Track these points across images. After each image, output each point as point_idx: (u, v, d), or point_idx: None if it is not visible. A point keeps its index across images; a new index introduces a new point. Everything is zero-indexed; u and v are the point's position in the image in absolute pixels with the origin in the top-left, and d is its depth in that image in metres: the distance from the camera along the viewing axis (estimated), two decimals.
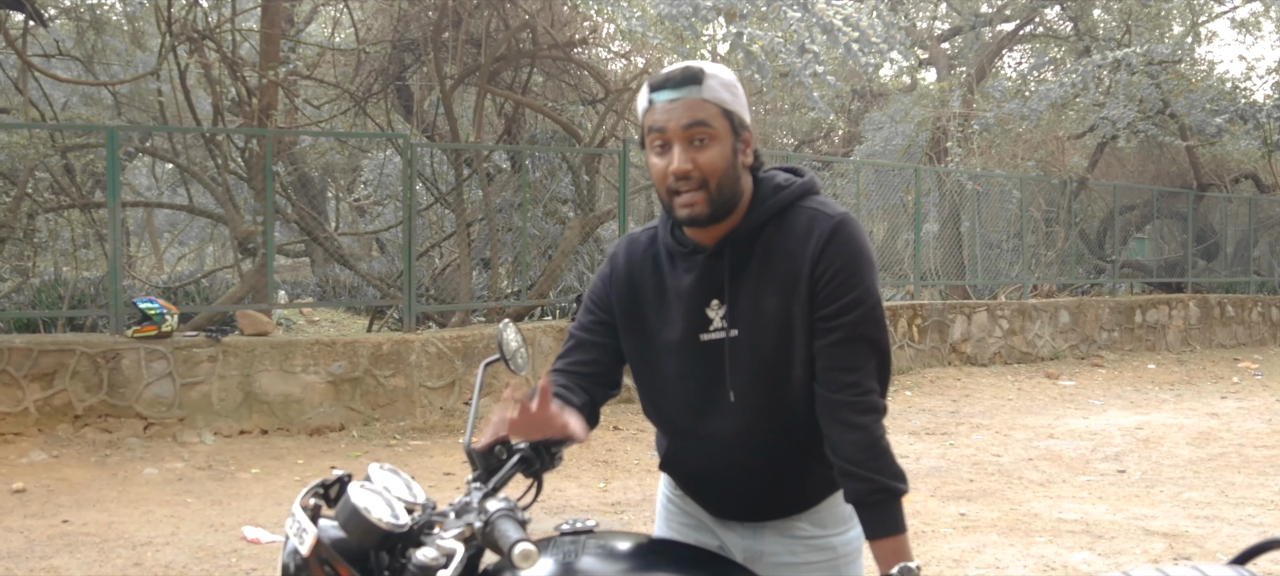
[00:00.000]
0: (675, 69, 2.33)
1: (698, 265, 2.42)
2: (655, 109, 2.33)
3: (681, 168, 2.29)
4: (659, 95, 2.33)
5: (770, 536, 2.55)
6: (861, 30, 11.86)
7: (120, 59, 15.40)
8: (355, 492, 2.24)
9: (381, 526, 2.20)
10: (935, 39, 22.73)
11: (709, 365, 2.43)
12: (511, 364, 2.77)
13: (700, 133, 2.29)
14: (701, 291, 2.41)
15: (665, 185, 2.33)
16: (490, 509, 2.18)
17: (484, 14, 11.99)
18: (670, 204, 2.35)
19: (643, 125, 2.37)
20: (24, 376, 9.21)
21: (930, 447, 10.26)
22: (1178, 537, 7.07)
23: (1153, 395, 14.14)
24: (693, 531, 2.67)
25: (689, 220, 2.35)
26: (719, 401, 2.44)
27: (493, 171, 13.72)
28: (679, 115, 2.29)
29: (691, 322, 2.43)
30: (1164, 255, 21.94)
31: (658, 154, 2.34)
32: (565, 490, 8.38)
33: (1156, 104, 18.36)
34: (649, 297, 2.49)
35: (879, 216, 19.00)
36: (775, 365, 2.38)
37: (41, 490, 8.02)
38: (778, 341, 2.37)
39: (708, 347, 2.41)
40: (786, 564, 2.53)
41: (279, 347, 10.01)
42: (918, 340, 15.08)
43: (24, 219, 12.33)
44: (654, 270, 2.50)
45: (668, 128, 2.30)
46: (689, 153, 2.29)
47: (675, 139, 2.30)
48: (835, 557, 2.54)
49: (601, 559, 2.32)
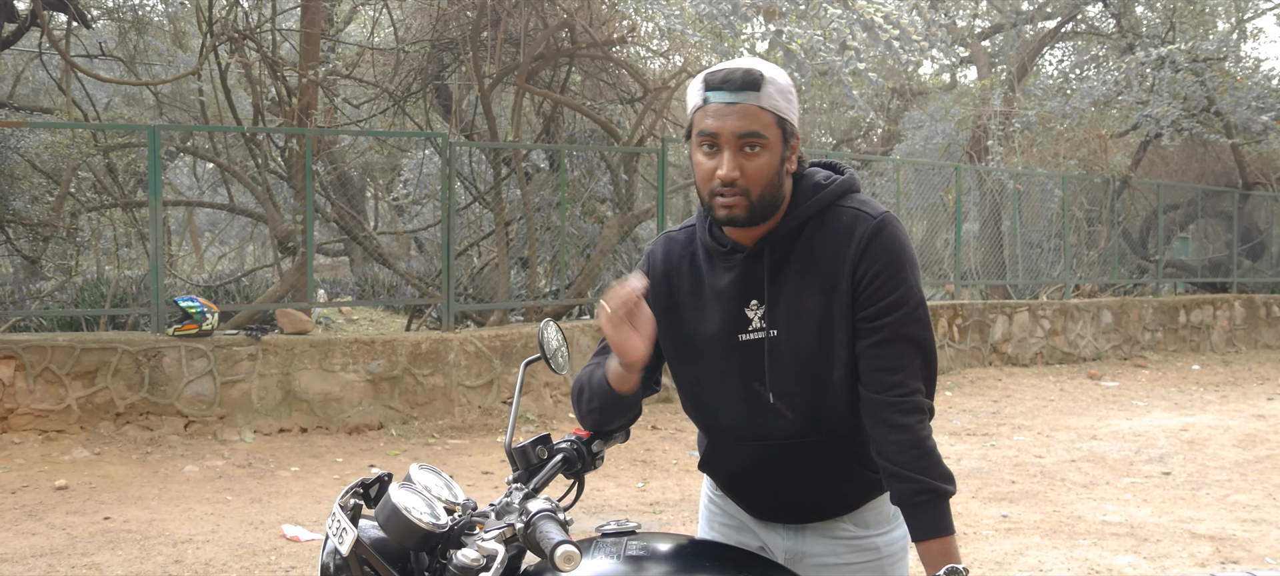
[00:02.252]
0: (735, 69, 2.26)
1: (737, 264, 2.39)
2: (709, 109, 2.27)
3: (730, 175, 2.25)
4: (716, 95, 2.27)
5: (812, 537, 2.52)
6: (902, 28, 11.77)
7: (162, 59, 15.53)
8: (396, 492, 2.22)
9: (422, 527, 2.18)
10: (976, 37, 22.56)
11: (748, 365, 2.39)
12: (552, 363, 2.75)
13: (753, 141, 2.25)
14: (740, 291, 2.39)
15: (708, 186, 2.29)
16: (531, 509, 2.15)
17: (523, 13, 11.98)
18: (711, 203, 2.31)
19: (692, 119, 2.32)
20: (66, 374, 9.28)
21: (971, 448, 10.17)
22: (1225, 541, 6.96)
23: (1197, 396, 13.96)
24: (734, 532, 2.63)
25: (727, 221, 2.32)
26: (759, 402, 2.40)
27: (531, 170, 13.71)
28: (733, 123, 2.24)
29: (731, 322, 2.40)
30: (1208, 255, 21.66)
31: (705, 154, 2.29)
32: (604, 490, 8.35)
33: (1201, 101, 18.13)
34: (686, 297, 2.47)
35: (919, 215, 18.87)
36: (816, 365, 2.34)
37: (83, 487, 8.07)
38: (819, 341, 2.34)
39: (747, 347, 2.38)
40: (829, 564, 2.50)
41: (318, 346, 10.04)
42: (958, 340, 14.97)
43: (67, 218, 12.44)
44: (691, 269, 2.47)
45: (721, 134, 2.25)
46: (738, 160, 2.25)
47: (727, 145, 2.25)
48: (879, 558, 2.49)
49: (643, 561, 2.28)
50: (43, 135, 12.42)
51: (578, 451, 2.57)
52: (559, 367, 2.76)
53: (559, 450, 2.53)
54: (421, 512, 2.20)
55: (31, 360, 9.23)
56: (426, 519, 2.20)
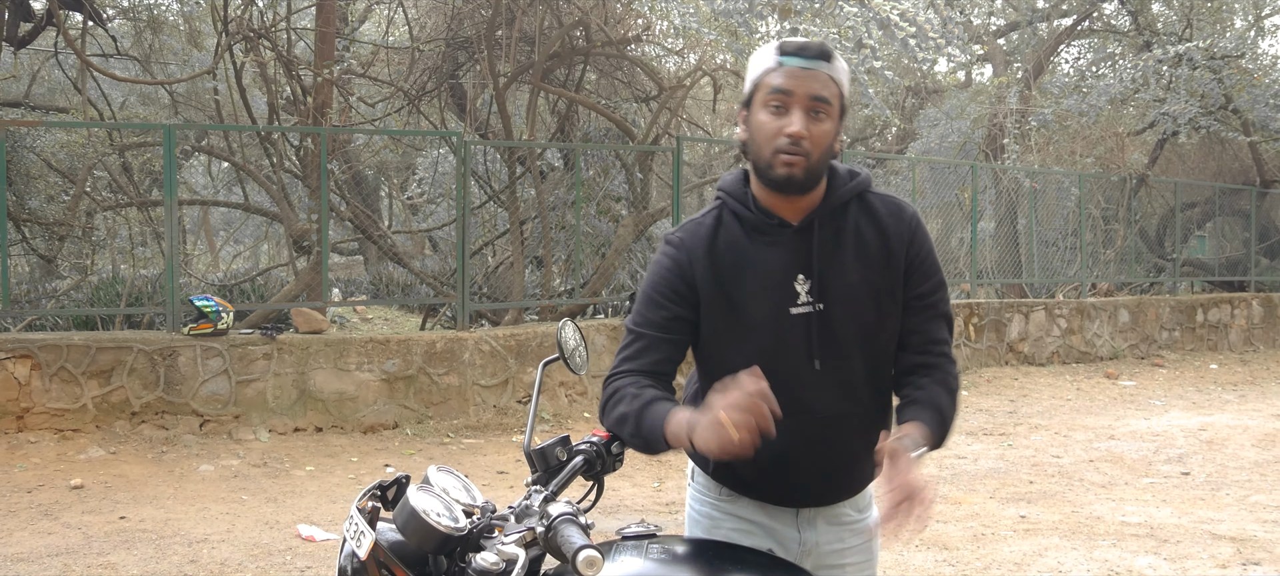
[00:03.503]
0: (811, 41, 2.41)
1: (785, 239, 2.47)
2: (782, 70, 2.39)
3: (799, 131, 2.36)
4: (790, 60, 2.39)
5: (822, 525, 2.62)
6: (918, 25, 11.72)
7: (177, 58, 15.55)
8: (414, 495, 2.19)
9: (440, 530, 2.16)
10: (992, 34, 22.46)
11: (800, 338, 2.46)
12: (570, 363, 2.73)
13: (821, 107, 2.39)
14: (789, 266, 2.46)
15: (771, 144, 2.39)
16: (552, 513, 2.13)
17: (537, 11, 11.96)
18: (771, 160, 2.39)
19: (759, 82, 2.42)
20: (82, 373, 9.29)
21: (988, 448, 10.12)
22: (1245, 542, 6.90)
23: (1216, 396, 13.88)
24: (744, 538, 2.63)
25: (786, 179, 2.40)
26: (807, 375, 2.47)
27: (546, 169, 13.69)
28: (808, 84, 2.37)
29: (781, 297, 2.46)
30: (1226, 253, 21.53)
31: (772, 113, 2.39)
32: (619, 490, 8.33)
33: (1218, 99, 18.02)
34: (729, 274, 2.49)
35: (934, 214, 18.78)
36: (870, 334, 2.48)
37: (99, 486, 8.08)
38: (874, 313, 2.48)
39: (797, 321, 2.46)
40: (835, 550, 2.62)
41: (333, 345, 10.03)
42: (974, 339, 14.91)
43: (82, 217, 12.46)
44: (731, 248, 2.50)
45: (795, 92, 2.37)
46: (806, 121, 2.37)
47: (798, 104, 2.37)
48: (870, 538, 2.67)
49: (664, 564, 2.26)
50: (58, 134, 12.44)
51: (598, 453, 2.55)
52: (577, 368, 2.74)
53: (578, 452, 2.50)
54: (440, 515, 2.18)
55: (47, 359, 9.23)
56: (445, 521, 2.18)
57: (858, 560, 2.66)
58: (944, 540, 6.93)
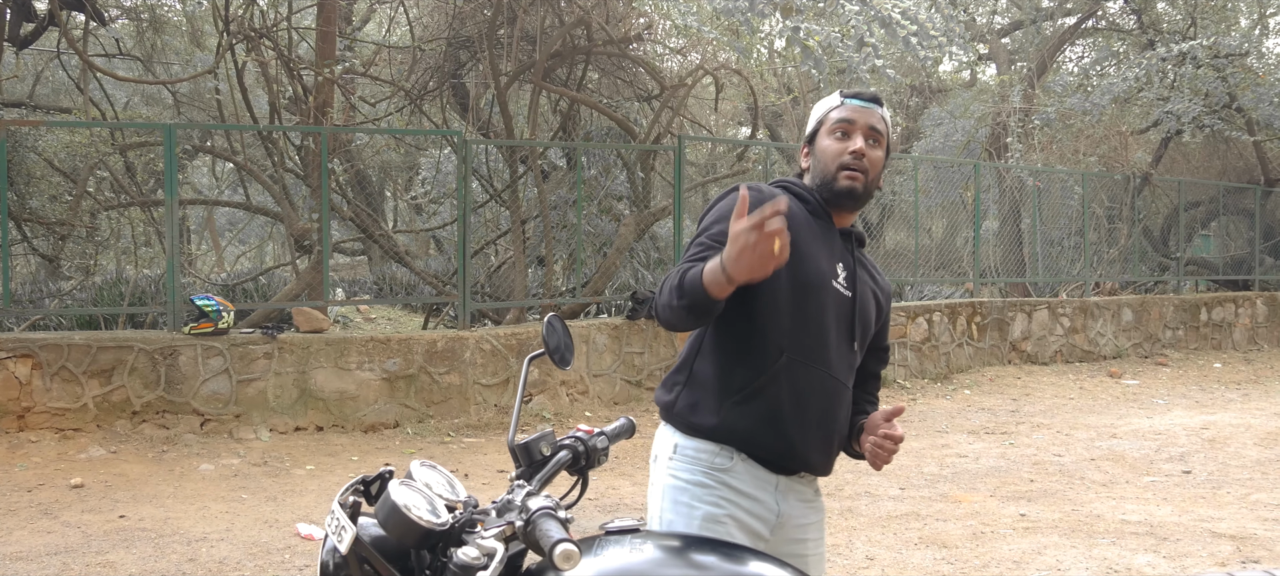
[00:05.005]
0: (867, 89, 3.10)
1: (834, 234, 2.96)
2: (846, 107, 2.93)
3: (860, 148, 2.88)
4: (853, 100, 2.94)
5: (793, 499, 2.92)
6: (920, 24, 11.70)
7: (180, 58, 15.57)
8: (396, 490, 2.19)
9: (422, 524, 2.15)
10: (995, 33, 22.44)
11: (836, 307, 2.90)
12: (555, 357, 2.73)
13: (876, 137, 2.93)
14: (834, 252, 2.93)
15: (837, 160, 2.89)
16: (532, 507, 2.13)
17: (539, 10, 11.96)
18: (836, 176, 2.89)
19: (825, 118, 2.96)
20: (83, 372, 9.30)
21: (990, 447, 10.10)
22: (1246, 540, 6.89)
23: (1219, 394, 13.85)
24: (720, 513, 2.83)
25: (848, 190, 2.89)
26: (836, 336, 2.90)
27: (548, 168, 13.70)
28: (867, 117, 2.92)
29: (829, 268, 2.90)
30: (1230, 252, 21.48)
31: (837, 139, 2.92)
32: (619, 488, 8.33)
33: (1222, 98, 17.98)
34: (804, 232, 2.86)
35: (938, 213, 18.76)
36: (868, 329, 3.02)
37: (99, 485, 8.09)
38: (874, 316, 3.05)
39: (836, 294, 2.90)
40: (800, 525, 2.94)
41: (334, 345, 10.04)
42: (977, 338, 14.88)
43: (85, 217, 12.48)
44: (797, 213, 2.88)
45: (857, 122, 2.91)
46: (866, 145, 2.90)
47: (860, 132, 2.90)
48: (822, 517, 3.04)
49: (645, 559, 2.25)
50: (61, 135, 12.46)
51: (582, 449, 2.55)
52: (562, 362, 2.74)
53: (562, 447, 2.50)
54: (421, 510, 2.17)
55: (48, 359, 9.25)
56: (426, 516, 2.17)
57: (815, 537, 2.99)
58: (943, 538, 6.92)
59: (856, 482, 8.52)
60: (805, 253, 2.82)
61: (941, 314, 14.35)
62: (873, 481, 8.58)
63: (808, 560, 2.92)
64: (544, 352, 2.76)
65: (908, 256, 16.76)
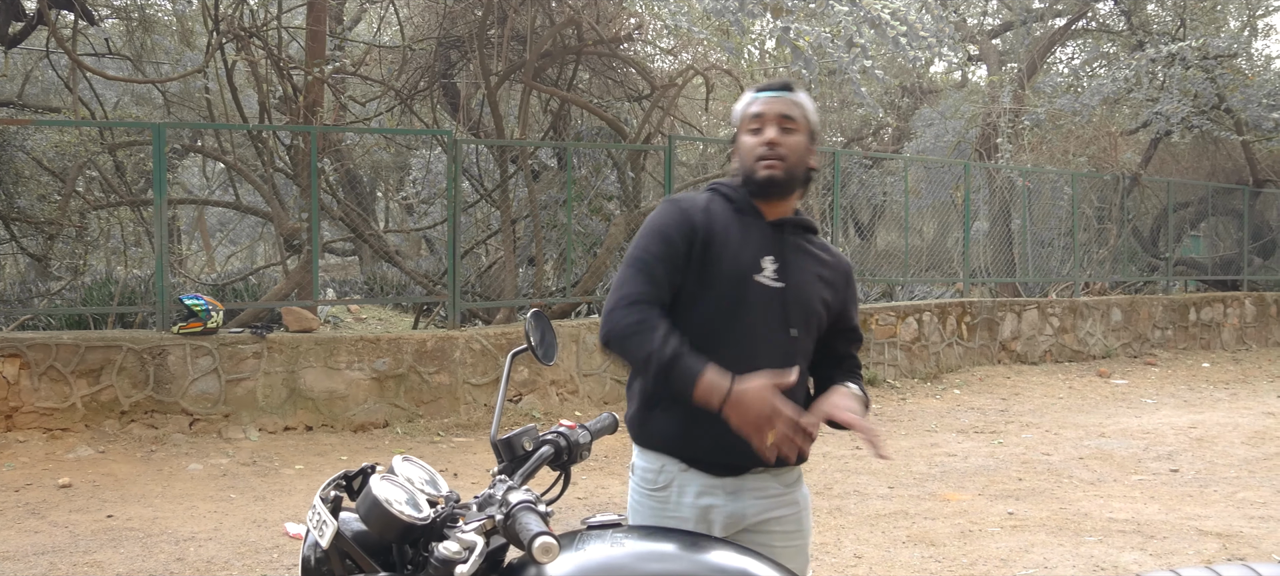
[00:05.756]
0: (775, 79, 3.08)
1: (761, 225, 2.97)
2: (758, 101, 2.98)
3: (772, 138, 2.92)
4: (762, 94, 2.99)
5: (748, 497, 2.91)
6: (909, 24, 11.72)
7: (169, 58, 15.54)
8: (377, 484, 2.19)
9: (403, 519, 2.16)
10: (986, 34, 22.47)
11: (760, 302, 2.90)
12: (538, 352, 2.74)
13: (789, 124, 2.95)
14: (761, 245, 2.94)
15: (754, 154, 2.94)
16: (512, 501, 2.13)
17: (529, 10, 11.96)
18: (754, 168, 2.93)
19: (743, 117, 3.01)
20: (71, 372, 9.29)
21: (979, 446, 10.12)
22: (1232, 538, 6.91)
23: (1207, 394, 13.89)
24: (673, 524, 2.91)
25: (767, 180, 2.93)
26: (768, 332, 2.90)
27: (538, 168, 13.69)
28: (777, 106, 2.96)
29: (749, 264, 2.91)
30: (1219, 252, 21.54)
31: (752, 134, 2.96)
32: (608, 488, 8.33)
33: (1211, 99, 18.02)
34: (717, 233, 2.92)
35: (929, 213, 18.83)
36: (811, 314, 2.99)
37: (87, 485, 8.07)
38: (819, 303, 3.01)
39: (761, 288, 2.90)
40: (762, 520, 2.93)
41: (323, 344, 10.03)
42: (966, 338, 14.91)
43: (74, 216, 12.45)
44: (717, 215, 2.96)
45: (768, 113, 2.95)
46: (780, 133, 2.93)
47: (770, 122, 2.94)
48: (799, 510, 3.01)
49: (625, 552, 2.26)
50: (50, 134, 12.43)
51: (564, 443, 2.56)
52: (545, 358, 2.75)
53: (545, 442, 2.51)
54: (402, 504, 2.18)
55: (36, 358, 9.23)
56: (407, 510, 2.17)
57: (786, 529, 2.97)
58: (931, 536, 6.93)
59: (845, 482, 8.54)
60: (722, 254, 2.89)
61: (931, 314, 14.37)
62: (861, 480, 8.60)
63: (775, 551, 2.88)
64: (527, 348, 2.77)
65: (898, 257, 16.79)
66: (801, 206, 3.17)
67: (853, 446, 10.05)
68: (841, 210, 15.08)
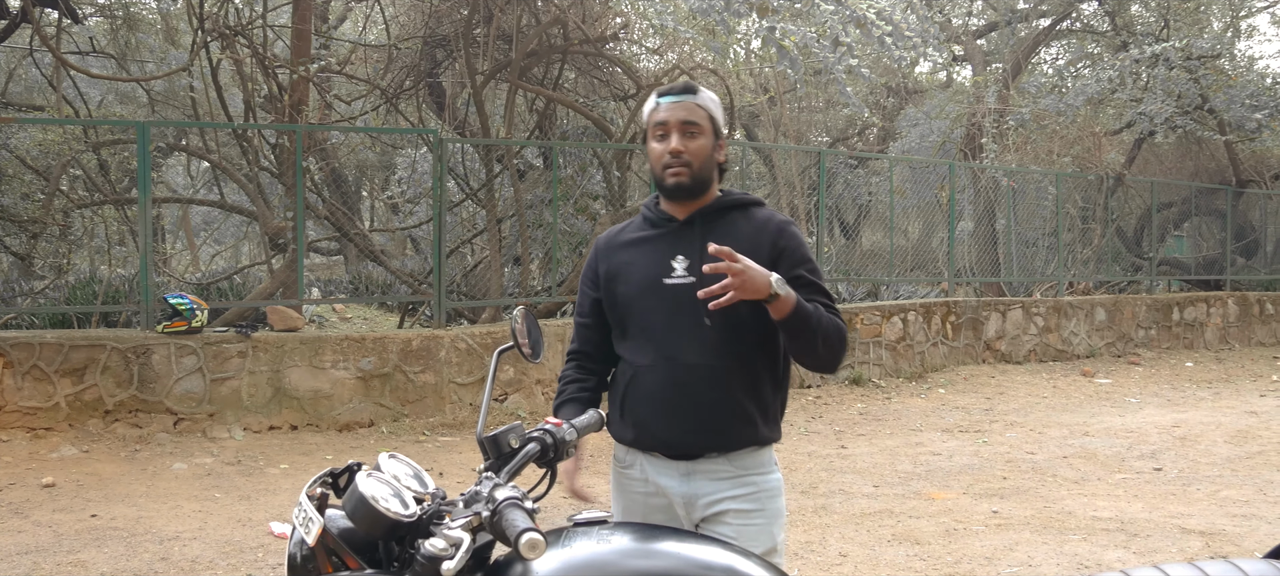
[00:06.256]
0: (677, 83, 3.16)
1: (671, 230, 3.15)
2: (661, 108, 3.10)
3: (677, 148, 3.05)
4: (665, 99, 3.11)
5: (701, 479, 3.08)
6: (895, 24, 11.74)
7: (154, 56, 15.48)
8: (363, 481, 2.19)
9: (389, 516, 2.16)
10: (971, 34, 22.53)
11: (672, 302, 3.07)
12: (523, 350, 2.74)
13: (693, 128, 3.08)
14: (670, 249, 3.11)
15: (661, 162, 3.08)
16: (498, 498, 2.13)
17: (515, 9, 11.95)
18: (662, 176, 3.09)
19: (648, 122, 3.15)
20: (55, 371, 9.25)
21: (963, 445, 10.15)
22: (1215, 536, 6.94)
23: (1190, 393, 13.95)
24: (641, 495, 3.19)
25: (675, 187, 3.08)
26: (678, 330, 3.05)
27: (524, 167, 13.68)
28: (679, 112, 3.08)
29: (657, 271, 3.10)
30: (1202, 252, 21.63)
31: (658, 141, 3.10)
32: (594, 486, 8.31)
33: (1195, 99, 18.10)
34: (624, 257, 3.18)
35: (914, 213, 18.85)
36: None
37: (71, 485, 8.04)
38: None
39: (672, 289, 3.07)
40: (714, 501, 3.07)
41: (309, 343, 10.01)
42: (951, 337, 14.95)
43: (58, 215, 12.40)
44: (629, 240, 3.21)
45: (670, 120, 3.07)
46: (683, 140, 3.06)
47: (674, 129, 3.07)
48: (758, 491, 3.09)
49: (612, 548, 2.26)
50: (34, 132, 12.38)
51: (550, 440, 2.56)
52: (531, 355, 2.75)
53: (531, 439, 2.51)
54: (389, 501, 2.18)
55: (19, 357, 9.19)
56: (394, 508, 2.17)
57: (740, 508, 3.07)
58: (916, 535, 6.95)
59: (831, 481, 8.55)
60: (628, 276, 3.14)
61: (916, 313, 14.40)
62: (847, 479, 8.61)
63: (732, 532, 3.03)
64: (513, 346, 2.77)
65: (884, 256, 16.82)
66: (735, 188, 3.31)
67: (838, 445, 10.07)
68: (827, 210, 15.10)
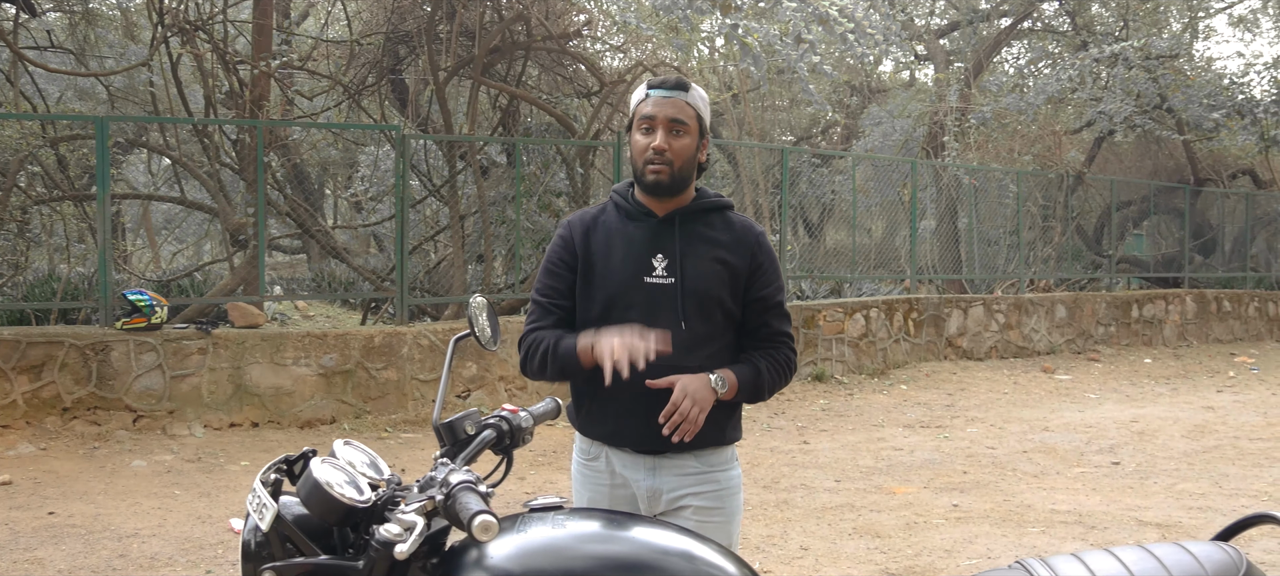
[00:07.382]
0: (671, 76, 3.13)
1: (651, 226, 3.14)
2: (649, 100, 3.09)
3: (661, 145, 3.04)
4: (655, 92, 3.10)
5: (666, 474, 3.13)
6: (857, 21, 11.80)
7: (113, 51, 15.34)
8: (317, 467, 2.19)
9: (343, 501, 2.16)
10: (933, 33, 22.67)
11: (649, 301, 3.07)
12: (480, 338, 2.75)
13: (679, 127, 3.07)
14: (650, 245, 3.12)
15: (644, 157, 3.07)
16: (453, 482, 2.14)
17: (478, 6, 11.93)
18: (643, 170, 3.07)
19: (635, 111, 3.12)
20: (12, 368, 9.16)
21: (924, 440, 10.21)
22: (1171, 528, 7.02)
23: (1149, 389, 14.09)
24: (606, 487, 3.19)
25: (654, 185, 3.08)
26: (663, 326, 3.01)
27: (487, 164, 13.65)
28: (668, 109, 3.06)
29: (638, 267, 3.10)
30: (1161, 250, 21.85)
31: (643, 133, 3.09)
32: (556, 482, 8.34)
33: (1154, 99, 18.29)
34: (602, 246, 3.15)
35: (877, 212, 18.92)
36: (710, 303, 3.10)
37: (28, 482, 7.97)
38: (717, 288, 3.11)
39: (650, 288, 3.08)
40: (678, 495, 3.13)
41: (270, 340, 9.96)
42: (913, 334, 15.03)
43: (15, 212, 12.26)
44: (607, 227, 3.18)
45: (657, 117, 3.06)
46: (668, 138, 3.05)
47: (661, 125, 3.05)
48: (719, 488, 3.16)
49: (566, 532, 2.27)
50: None
51: (506, 427, 2.56)
52: (488, 343, 2.76)
53: (487, 426, 2.52)
54: (343, 487, 2.18)
55: None
56: (348, 493, 2.17)
57: (702, 504, 3.14)
58: (877, 528, 6.99)
59: (793, 475, 8.59)
60: (607, 266, 3.12)
61: (879, 310, 14.47)
62: (809, 474, 8.65)
63: (692, 526, 3.04)
64: (470, 333, 2.78)
65: (847, 254, 16.89)
66: (708, 188, 3.28)
67: (800, 441, 10.11)
68: (791, 208, 15.15)
